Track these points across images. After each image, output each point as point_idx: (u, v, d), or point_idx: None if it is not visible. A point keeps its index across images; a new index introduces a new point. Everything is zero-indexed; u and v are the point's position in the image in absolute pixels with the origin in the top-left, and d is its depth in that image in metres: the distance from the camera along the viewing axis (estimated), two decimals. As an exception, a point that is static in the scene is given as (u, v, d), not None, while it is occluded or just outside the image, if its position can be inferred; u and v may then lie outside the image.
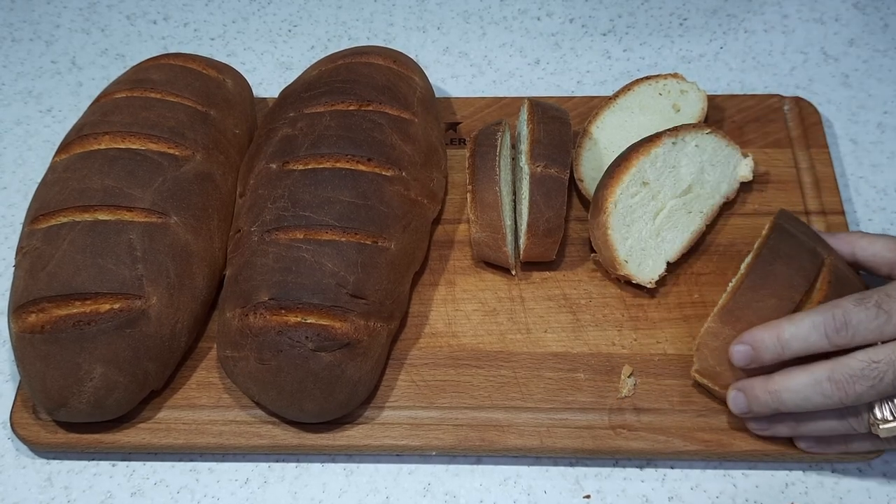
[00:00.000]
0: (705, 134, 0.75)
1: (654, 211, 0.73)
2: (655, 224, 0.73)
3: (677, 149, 0.74)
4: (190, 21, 0.98)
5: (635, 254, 0.72)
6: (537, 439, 0.67)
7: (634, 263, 0.72)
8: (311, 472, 0.68)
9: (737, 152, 0.77)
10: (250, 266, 0.68)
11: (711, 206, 0.75)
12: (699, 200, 0.74)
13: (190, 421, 0.69)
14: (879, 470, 0.67)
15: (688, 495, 0.66)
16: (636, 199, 0.72)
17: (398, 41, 0.95)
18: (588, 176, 0.78)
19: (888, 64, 0.90)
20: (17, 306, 0.67)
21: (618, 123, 0.80)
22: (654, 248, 0.72)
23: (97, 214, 0.68)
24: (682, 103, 0.81)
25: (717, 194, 0.75)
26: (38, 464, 0.70)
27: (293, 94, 0.77)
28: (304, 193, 0.69)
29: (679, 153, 0.74)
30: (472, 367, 0.70)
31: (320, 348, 0.65)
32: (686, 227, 0.74)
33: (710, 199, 0.75)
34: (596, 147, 0.79)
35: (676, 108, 0.80)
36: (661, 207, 0.73)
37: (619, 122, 0.81)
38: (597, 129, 0.80)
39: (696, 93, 0.81)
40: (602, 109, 0.82)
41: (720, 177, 0.76)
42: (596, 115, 0.81)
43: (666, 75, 0.82)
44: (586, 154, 0.79)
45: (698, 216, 0.74)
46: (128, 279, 0.66)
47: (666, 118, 0.80)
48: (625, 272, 0.71)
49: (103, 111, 0.74)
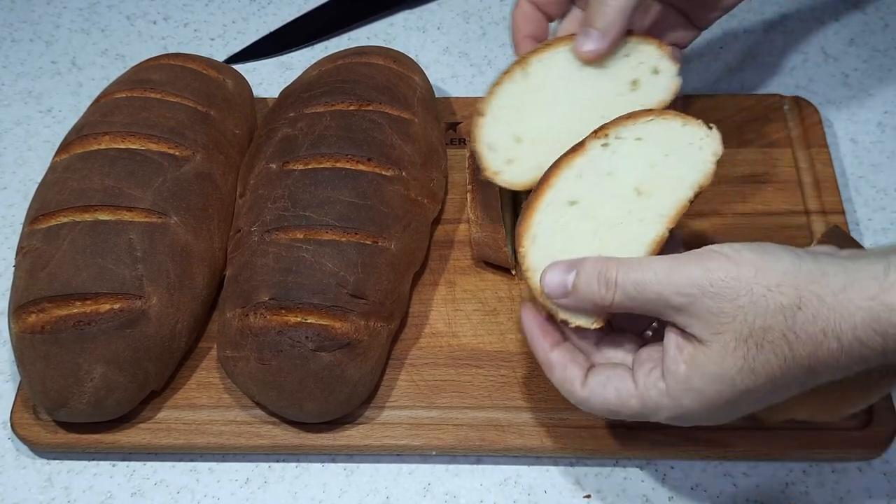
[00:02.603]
0: (646, 122, 0.61)
1: (591, 230, 0.59)
2: (595, 244, 0.59)
3: (610, 151, 0.60)
4: (190, 21, 0.98)
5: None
6: (537, 439, 0.67)
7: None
8: (311, 472, 0.68)
9: (698, 128, 0.61)
10: (250, 266, 0.68)
11: (675, 204, 0.59)
12: (655, 203, 0.59)
13: (190, 421, 0.69)
14: (880, 470, 0.67)
15: (688, 495, 0.66)
16: (563, 223, 0.59)
17: (398, 41, 0.95)
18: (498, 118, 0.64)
19: (888, 63, 0.90)
20: (17, 306, 0.67)
21: (562, 73, 0.65)
22: None
23: (97, 214, 0.68)
24: (647, 82, 0.65)
25: (681, 187, 0.60)
26: (39, 464, 0.70)
27: (293, 95, 0.77)
28: (304, 193, 0.69)
29: (613, 156, 0.60)
30: (472, 366, 0.70)
31: (320, 348, 0.65)
32: (640, 240, 0.59)
33: (673, 195, 0.59)
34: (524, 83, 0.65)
35: (635, 83, 0.65)
36: (600, 224, 0.59)
37: (564, 72, 0.66)
38: (538, 64, 0.65)
39: (669, 77, 0.65)
40: (553, 46, 0.66)
41: (681, 165, 0.60)
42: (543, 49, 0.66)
43: (650, 37, 0.66)
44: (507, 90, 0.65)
45: (655, 222, 0.59)
46: (128, 279, 0.66)
47: (614, 91, 0.65)
48: (562, 317, 0.57)
49: (103, 111, 0.74)
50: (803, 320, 0.49)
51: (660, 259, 0.53)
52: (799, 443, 0.66)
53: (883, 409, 0.66)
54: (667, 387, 0.53)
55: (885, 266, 0.48)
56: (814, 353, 0.49)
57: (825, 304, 0.49)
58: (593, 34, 0.63)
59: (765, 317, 0.50)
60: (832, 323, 0.49)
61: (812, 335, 0.49)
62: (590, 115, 0.64)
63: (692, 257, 0.52)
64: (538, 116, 0.65)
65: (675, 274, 0.51)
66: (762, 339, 0.50)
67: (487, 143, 0.65)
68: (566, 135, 0.63)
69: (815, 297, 0.49)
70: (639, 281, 0.52)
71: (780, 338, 0.50)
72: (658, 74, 0.65)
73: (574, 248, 0.58)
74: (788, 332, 0.49)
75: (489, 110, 0.65)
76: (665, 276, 0.52)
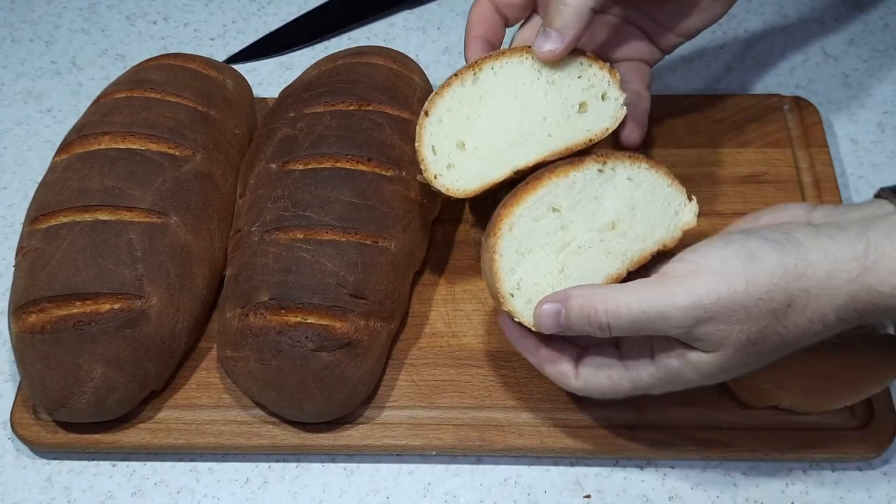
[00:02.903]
0: (641, 167, 0.64)
1: (561, 243, 0.61)
2: (560, 258, 0.61)
3: (604, 178, 0.63)
4: (190, 21, 0.98)
5: (526, 288, 0.60)
6: (538, 439, 0.67)
7: (522, 300, 0.60)
8: (311, 472, 0.68)
9: (681, 195, 0.65)
10: (250, 266, 0.68)
11: (640, 251, 0.63)
12: (624, 242, 0.63)
13: (190, 421, 0.69)
14: (880, 470, 0.67)
15: (688, 495, 0.66)
16: (539, 225, 0.61)
17: (398, 41, 0.95)
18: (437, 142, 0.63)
19: (888, 63, 0.90)
20: (17, 306, 0.67)
21: (513, 84, 0.64)
22: (550, 285, 0.60)
23: (97, 214, 0.68)
24: (594, 107, 0.65)
25: (649, 239, 0.63)
26: (39, 464, 0.70)
27: (293, 95, 0.77)
28: (304, 193, 0.69)
29: (605, 183, 0.63)
30: (472, 366, 0.70)
31: (320, 348, 0.65)
32: (600, 271, 0.62)
33: (640, 242, 0.63)
34: (473, 88, 0.64)
35: (583, 106, 0.65)
36: (570, 240, 0.62)
37: (514, 83, 0.64)
38: (490, 72, 0.64)
39: (616, 105, 0.66)
40: (508, 55, 0.64)
41: (656, 219, 0.64)
42: (497, 57, 0.64)
43: (601, 62, 0.66)
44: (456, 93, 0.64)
45: (619, 260, 0.62)
46: (128, 279, 0.66)
47: (562, 112, 0.65)
48: (508, 308, 0.59)
49: (103, 111, 0.74)
50: (794, 315, 0.52)
51: (648, 289, 0.54)
52: (799, 443, 0.66)
53: (883, 409, 0.67)
54: (657, 372, 0.56)
55: (864, 246, 0.51)
56: (801, 337, 0.53)
57: (811, 295, 0.52)
58: (551, 34, 0.63)
59: (759, 322, 0.52)
60: (819, 311, 0.52)
61: (800, 324, 0.53)
62: (535, 133, 0.64)
63: (681, 280, 0.53)
64: (483, 125, 0.64)
65: (667, 306, 0.52)
66: (757, 339, 0.53)
67: (430, 145, 0.64)
68: (508, 150, 0.64)
69: (803, 293, 0.52)
70: (633, 321, 0.54)
71: (773, 334, 0.53)
72: (606, 101, 0.66)
73: (539, 252, 0.61)
74: (780, 327, 0.53)
75: (435, 111, 0.64)
76: (657, 312, 0.53)
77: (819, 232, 0.53)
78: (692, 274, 0.53)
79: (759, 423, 0.67)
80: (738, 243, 0.53)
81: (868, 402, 0.67)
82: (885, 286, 0.51)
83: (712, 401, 0.68)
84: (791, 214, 0.58)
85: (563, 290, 0.57)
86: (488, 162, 0.64)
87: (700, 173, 0.79)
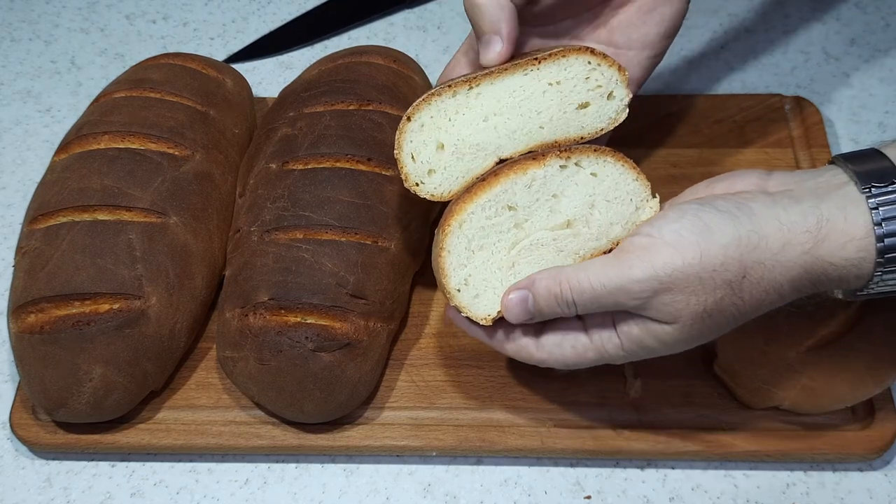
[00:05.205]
0: (607, 161, 0.61)
1: (512, 241, 0.60)
2: (510, 255, 0.60)
3: (565, 175, 0.60)
4: (189, 20, 0.98)
5: (474, 284, 0.60)
6: (538, 440, 0.67)
7: (469, 294, 0.59)
8: (310, 473, 0.68)
9: (644, 190, 0.61)
10: (250, 266, 0.68)
11: (592, 249, 0.61)
12: (577, 241, 0.61)
13: (189, 421, 0.69)
14: (881, 471, 0.67)
15: (689, 496, 0.66)
16: (492, 224, 0.59)
17: (398, 41, 0.95)
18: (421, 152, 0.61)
19: (889, 63, 0.89)
20: (16, 306, 0.67)
21: (513, 90, 0.62)
22: (500, 281, 0.60)
23: (96, 214, 0.68)
24: (596, 105, 0.63)
25: (604, 238, 0.61)
26: (38, 464, 0.70)
27: (293, 94, 0.76)
28: (304, 193, 0.69)
29: (567, 181, 0.60)
30: (472, 367, 0.70)
31: (320, 348, 0.65)
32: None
33: (594, 241, 0.61)
34: (464, 99, 0.62)
35: (583, 105, 0.63)
36: (523, 238, 0.60)
37: (508, 93, 0.62)
38: (481, 89, 0.62)
39: (619, 105, 0.63)
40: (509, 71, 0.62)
41: (614, 217, 0.61)
42: (497, 74, 0.62)
43: (610, 60, 0.63)
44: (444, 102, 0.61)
45: (570, 258, 0.60)
46: (127, 279, 0.66)
47: (558, 107, 0.62)
48: (455, 303, 0.59)
49: (102, 111, 0.74)
50: (749, 286, 0.53)
51: (609, 264, 0.55)
52: (800, 444, 0.66)
53: (884, 410, 0.66)
54: (621, 343, 0.57)
55: (817, 219, 0.52)
56: (757, 307, 0.54)
57: (766, 267, 0.53)
58: (488, 40, 0.61)
59: (714, 293, 0.53)
60: (774, 282, 0.53)
61: (756, 295, 0.54)
62: (525, 126, 0.62)
63: (639, 254, 0.54)
64: (465, 123, 0.62)
65: (626, 279, 0.54)
66: (714, 310, 0.54)
67: (409, 152, 0.61)
68: (493, 143, 0.62)
69: (758, 265, 0.53)
70: (595, 296, 0.55)
71: (730, 305, 0.54)
72: (611, 100, 0.63)
73: (490, 249, 0.60)
74: (736, 298, 0.54)
75: (417, 117, 0.61)
76: (616, 286, 0.54)
77: (774, 203, 0.54)
78: (648, 248, 0.54)
79: (760, 424, 0.66)
80: (692, 215, 0.54)
81: (869, 403, 0.67)
82: (837, 258, 0.52)
83: (713, 401, 0.67)
84: (746, 182, 0.58)
85: (527, 276, 0.58)
86: (470, 158, 0.62)
87: (700, 173, 0.79)
